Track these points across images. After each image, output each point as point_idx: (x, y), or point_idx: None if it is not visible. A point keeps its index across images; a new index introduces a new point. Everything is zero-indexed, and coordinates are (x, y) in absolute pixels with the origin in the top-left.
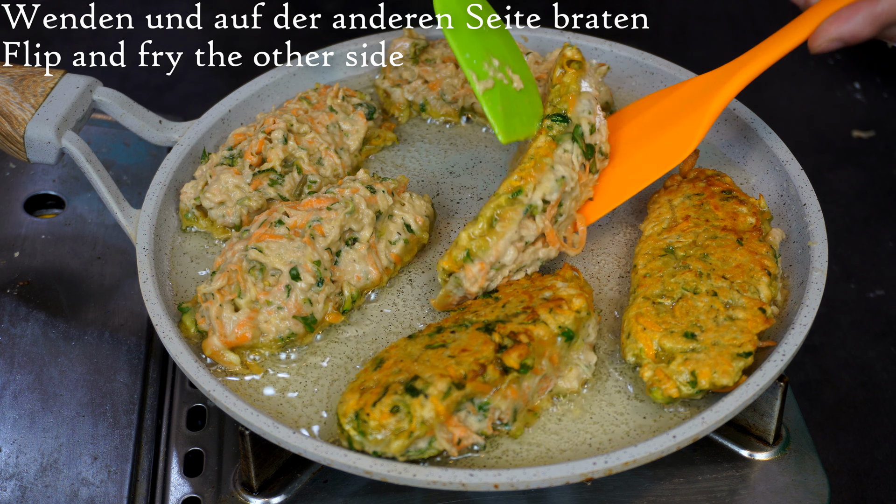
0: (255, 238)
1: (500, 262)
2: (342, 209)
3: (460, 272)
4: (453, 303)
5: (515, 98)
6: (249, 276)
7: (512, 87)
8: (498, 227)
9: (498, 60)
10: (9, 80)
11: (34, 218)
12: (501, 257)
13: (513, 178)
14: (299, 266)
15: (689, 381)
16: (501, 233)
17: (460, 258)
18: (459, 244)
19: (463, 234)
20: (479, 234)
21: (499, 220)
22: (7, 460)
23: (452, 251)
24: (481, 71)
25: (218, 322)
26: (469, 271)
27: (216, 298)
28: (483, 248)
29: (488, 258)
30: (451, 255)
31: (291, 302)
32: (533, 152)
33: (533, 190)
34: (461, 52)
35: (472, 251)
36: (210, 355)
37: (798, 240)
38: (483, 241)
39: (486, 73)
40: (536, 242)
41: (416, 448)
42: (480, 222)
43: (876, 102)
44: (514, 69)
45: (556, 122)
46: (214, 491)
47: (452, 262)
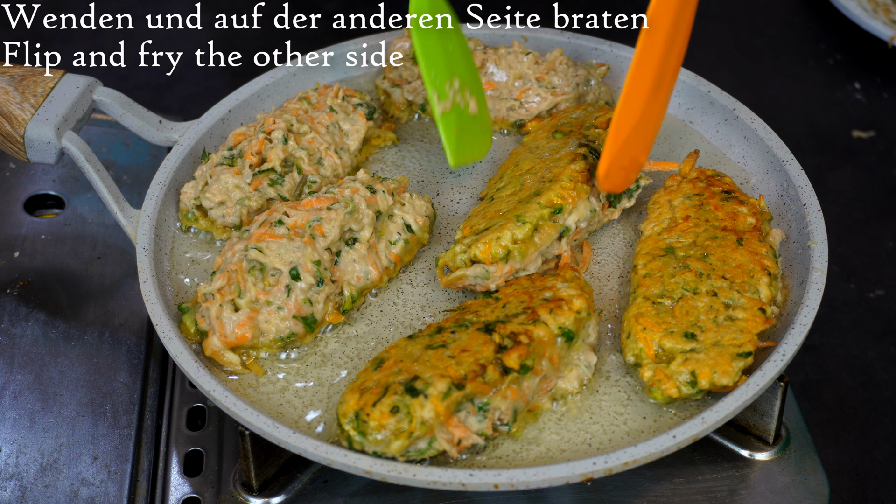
0: (255, 238)
1: (524, 270)
2: (342, 209)
3: (492, 267)
4: (460, 287)
5: (469, 122)
6: (249, 276)
7: (467, 112)
8: (537, 238)
9: (458, 82)
10: (9, 80)
11: (34, 218)
12: (528, 267)
13: (552, 193)
14: (299, 266)
15: (689, 381)
16: (539, 244)
17: (499, 255)
18: (501, 241)
19: (507, 232)
20: (522, 238)
21: (538, 231)
22: (7, 460)
23: (492, 245)
24: (443, 91)
25: (218, 322)
26: (500, 269)
27: (216, 298)
28: (522, 254)
29: (519, 263)
30: (489, 248)
31: (291, 302)
32: (570, 173)
33: (570, 213)
34: (427, 70)
35: (511, 253)
36: (210, 355)
37: (798, 240)
38: (524, 247)
39: (446, 95)
40: (551, 262)
41: (416, 448)
42: (527, 227)
43: (876, 102)
44: (471, 92)
45: (591, 155)
46: (214, 491)
47: (487, 255)
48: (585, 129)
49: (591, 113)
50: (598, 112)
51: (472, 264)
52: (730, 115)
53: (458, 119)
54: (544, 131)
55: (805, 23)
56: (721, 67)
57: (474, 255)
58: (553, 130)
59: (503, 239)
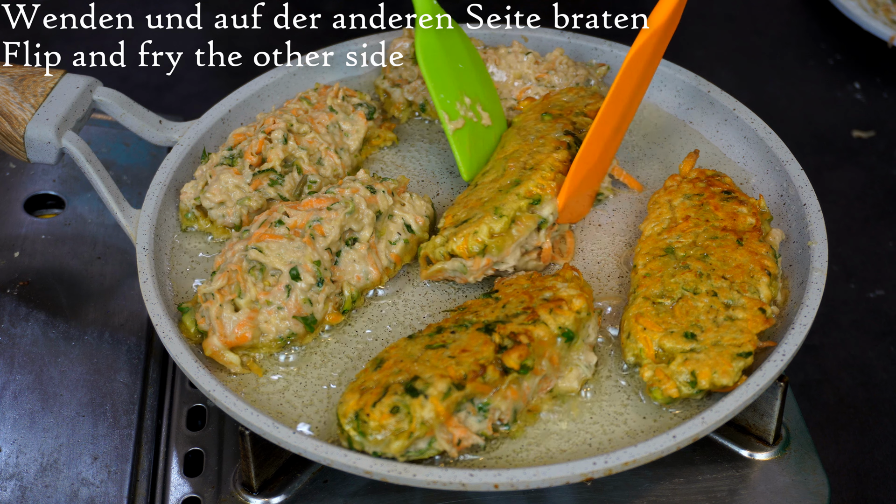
0: (255, 238)
1: (503, 263)
2: (342, 209)
3: (469, 261)
4: (440, 279)
5: (483, 134)
6: (249, 276)
7: (481, 125)
8: (514, 230)
9: (470, 99)
10: (9, 80)
11: (34, 218)
12: (506, 259)
13: (531, 183)
14: (299, 266)
15: (689, 381)
16: (517, 237)
17: (475, 250)
18: (479, 236)
19: (483, 226)
20: (499, 231)
21: (516, 223)
22: (7, 460)
23: (468, 239)
24: (453, 111)
25: (218, 322)
26: (477, 263)
27: (216, 298)
28: (499, 248)
29: (496, 256)
30: (466, 243)
31: (291, 302)
32: (551, 162)
33: (548, 204)
34: (436, 93)
35: (489, 246)
36: (210, 355)
37: (798, 240)
38: (501, 240)
39: (457, 113)
40: (532, 252)
41: (416, 448)
42: (504, 220)
43: (876, 102)
44: (484, 106)
45: (575, 146)
46: (214, 491)
47: (463, 250)
48: (575, 115)
49: (582, 98)
50: (590, 99)
51: (450, 258)
52: (730, 115)
53: (470, 134)
54: (534, 112)
55: (805, 23)
56: (721, 67)
57: (451, 250)
58: (542, 112)
59: (480, 234)
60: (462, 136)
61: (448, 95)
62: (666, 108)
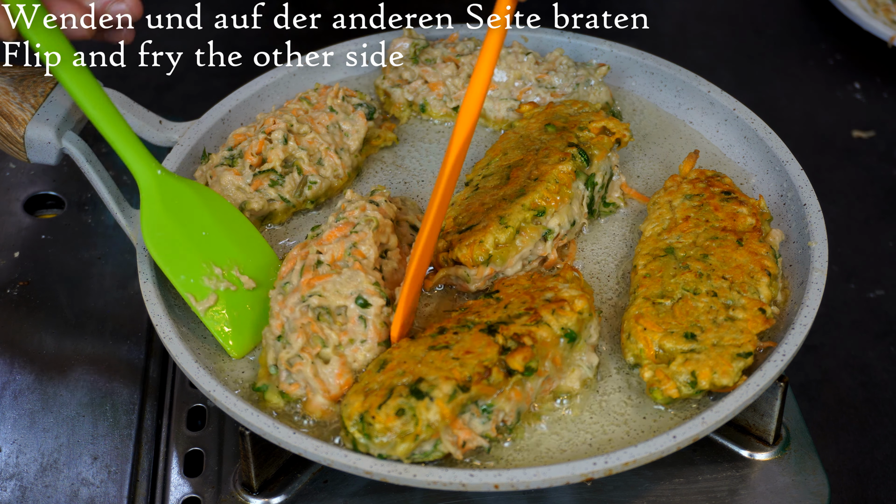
0: (305, 286)
1: (503, 273)
2: (368, 227)
3: (472, 270)
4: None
5: (246, 300)
6: (322, 322)
7: (242, 291)
8: (518, 241)
9: (221, 267)
10: (9, 80)
11: (34, 218)
12: (507, 270)
13: (536, 195)
14: (362, 293)
15: (689, 381)
16: (520, 248)
17: (480, 260)
18: (484, 245)
19: (489, 237)
20: (504, 242)
21: (520, 234)
22: (7, 460)
23: (474, 249)
24: (200, 290)
25: (318, 380)
26: (481, 272)
27: (305, 359)
28: (503, 258)
29: (499, 267)
30: (471, 251)
31: (370, 331)
32: (556, 174)
33: (552, 216)
34: (175, 277)
35: (493, 257)
36: (319, 417)
37: (798, 240)
38: (505, 251)
39: (206, 290)
40: (535, 262)
41: (422, 451)
42: (509, 231)
43: (876, 102)
44: (243, 268)
45: (580, 156)
46: (214, 491)
47: (468, 259)
48: (579, 129)
49: (586, 114)
50: (594, 116)
51: (453, 264)
52: (730, 115)
53: (229, 306)
54: (537, 121)
55: (805, 23)
56: (721, 67)
57: (456, 257)
58: (546, 123)
59: (486, 243)
60: (217, 313)
61: (190, 274)
62: (666, 108)
